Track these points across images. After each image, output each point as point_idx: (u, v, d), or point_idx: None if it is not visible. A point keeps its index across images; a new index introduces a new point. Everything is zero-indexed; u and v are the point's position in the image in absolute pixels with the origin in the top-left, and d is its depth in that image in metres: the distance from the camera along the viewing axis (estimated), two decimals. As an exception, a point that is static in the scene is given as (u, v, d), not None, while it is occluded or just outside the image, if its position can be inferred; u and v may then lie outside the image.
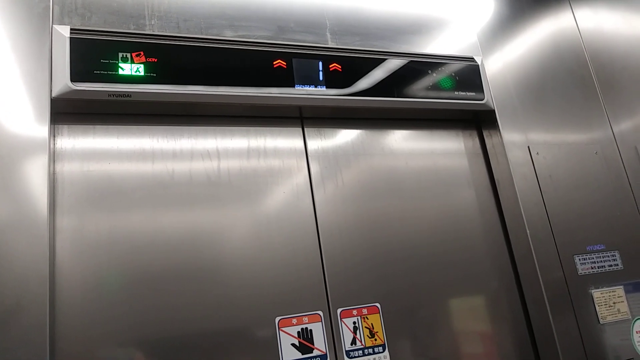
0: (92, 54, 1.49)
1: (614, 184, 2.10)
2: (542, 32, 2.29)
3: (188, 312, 1.47)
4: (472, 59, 2.05)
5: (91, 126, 1.56)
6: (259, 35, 1.78)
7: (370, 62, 1.87)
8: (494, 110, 2.02)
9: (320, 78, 1.77)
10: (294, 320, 1.57)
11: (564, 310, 1.82)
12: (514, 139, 2.01)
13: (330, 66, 1.80)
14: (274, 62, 1.72)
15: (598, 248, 1.96)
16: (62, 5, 1.55)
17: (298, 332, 1.56)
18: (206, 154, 1.66)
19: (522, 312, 1.90)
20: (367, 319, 1.66)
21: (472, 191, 2.00)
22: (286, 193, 1.72)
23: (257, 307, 1.55)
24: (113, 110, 1.58)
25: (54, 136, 1.50)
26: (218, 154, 1.67)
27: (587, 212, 2.01)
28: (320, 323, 1.60)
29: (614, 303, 1.91)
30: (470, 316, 1.82)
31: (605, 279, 1.93)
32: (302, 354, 1.54)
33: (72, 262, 1.41)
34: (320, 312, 1.61)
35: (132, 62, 1.53)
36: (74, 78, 1.44)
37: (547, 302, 1.80)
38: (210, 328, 1.48)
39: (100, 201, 1.49)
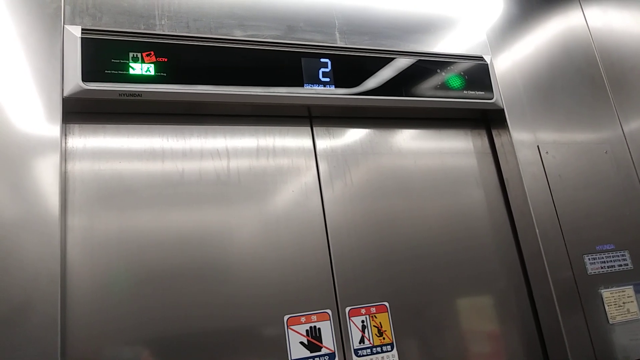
0: (103, 54, 1.50)
1: (623, 184, 2.09)
2: (552, 31, 2.28)
3: (197, 311, 1.48)
4: (481, 58, 2.05)
5: (102, 125, 1.57)
6: (268, 35, 1.78)
7: (379, 61, 1.87)
8: (503, 110, 2.02)
9: (329, 77, 1.77)
10: (303, 319, 1.58)
11: (573, 309, 1.82)
12: (523, 138, 2.00)
13: (339, 65, 1.80)
14: (283, 62, 1.73)
15: (608, 248, 1.96)
16: (74, 5, 1.56)
17: (307, 331, 1.57)
18: (215, 153, 1.67)
19: (530, 312, 1.89)
20: (376, 317, 1.66)
21: (481, 190, 2.00)
22: (295, 192, 1.72)
23: (265, 306, 1.56)
24: (123, 110, 1.59)
25: (66, 135, 1.51)
26: (227, 153, 1.68)
27: (597, 212, 2.00)
28: (329, 322, 1.60)
29: (624, 303, 1.90)
30: (479, 315, 1.82)
31: (614, 278, 1.93)
32: (311, 352, 1.55)
33: (82, 260, 1.42)
34: (328, 311, 1.61)
35: (143, 61, 1.54)
36: (85, 78, 1.46)
37: (556, 302, 1.80)
38: (219, 326, 1.49)
39: (111, 200, 1.50)
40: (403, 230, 1.82)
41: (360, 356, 1.60)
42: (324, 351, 1.56)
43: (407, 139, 1.97)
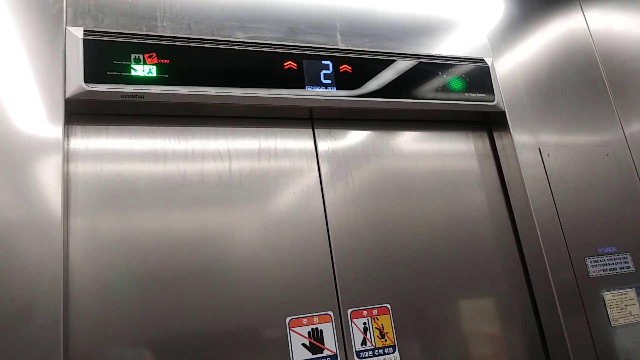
0: (105, 56, 1.50)
1: (625, 186, 2.09)
2: (553, 33, 2.28)
3: (199, 312, 1.48)
4: (482, 60, 2.05)
5: (104, 127, 1.57)
6: (269, 37, 1.79)
7: (380, 63, 1.87)
8: (504, 112, 2.02)
9: (331, 79, 1.77)
10: (305, 321, 1.57)
11: (575, 312, 1.82)
12: (524, 140, 2.01)
13: (341, 67, 1.80)
14: (285, 64, 1.73)
15: (609, 250, 1.95)
16: (76, 7, 1.56)
17: (308, 332, 1.57)
18: (217, 155, 1.67)
19: (532, 314, 1.89)
20: (378, 319, 1.66)
21: (482, 192, 2.00)
22: (297, 194, 1.72)
23: (267, 308, 1.55)
24: (126, 111, 1.59)
25: (68, 137, 1.51)
26: (229, 155, 1.68)
27: (599, 214, 2.00)
28: (331, 323, 1.60)
29: (626, 305, 1.90)
30: (481, 317, 1.82)
31: (616, 281, 1.93)
32: (313, 354, 1.55)
33: (85, 261, 1.42)
34: (330, 313, 1.61)
35: (145, 63, 1.54)
36: (87, 79, 1.46)
37: (558, 304, 1.80)
38: (220, 328, 1.49)
39: (113, 201, 1.50)
40: (405, 232, 1.81)
41: (362, 358, 1.60)
42: (325, 353, 1.56)
43: (408, 141, 1.97)
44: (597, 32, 2.37)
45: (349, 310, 1.64)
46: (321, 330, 1.58)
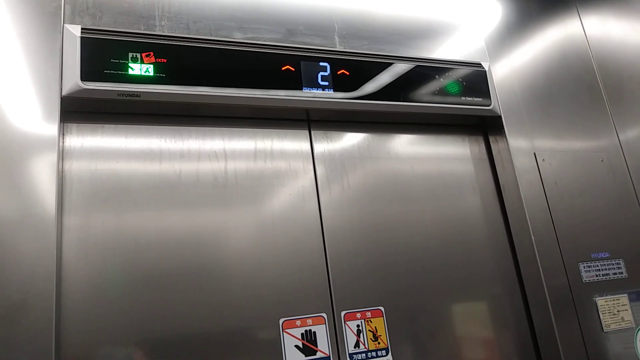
0: (102, 54, 1.50)
1: (619, 192, 2.10)
2: (550, 38, 2.29)
3: (192, 312, 1.48)
4: (479, 65, 2.06)
5: (100, 125, 1.57)
6: (267, 38, 1.79)
7: (378, 66, 1.88)
8: (500, 116, 2.02)
9: (328, 81, 1.77)
10: (298, 322, 1.57)
11: (568, 317, 1.82)
12: (520, 145, 2.01)
13: (338, 69, 1.81)
14: (282, 65, 1.73)
15: (603, 256, 1.96)
16: (74, 4, 1.56)
17: (302, 334, 1.57)
18: (213, 155, 1.67)
19: (525, 318, 1.89)
20: (371, 322, 1.66)
21: (477, 196, 2.01)
22: (292, 195, 1.72)
23: (261, 308, 1.55)
24: (122, 110, 1.58)
25: (63, 134, 1.51)
26: (225, 155, 1.68)
27: (592, 220, 2.00)
28: (324, 325, 1.60)
29: (618, 311, 1.91)
30: (474, 321, 1.82)
31: (609, 286, 1.93)
32: (306, 356, 1.55)
33: (78, 259, 1.42)
34: (324, 315, 1.61)
35: (142, 62, 1.54)
36: (84, 77, 1.45)
37: (550, 309, 1.80)
38: (214, 328, 1.49)
39: (108, 200, 1.50)
40: (399, 234, 1.82)
41: (355, 360, 1.60)
42: (319, 355, 1.56)
43: (404, 144, 1.98)
44: (594, 39, 2.38)
45: (343, 312, 1.64)
46: (314, 332, 1.58)
